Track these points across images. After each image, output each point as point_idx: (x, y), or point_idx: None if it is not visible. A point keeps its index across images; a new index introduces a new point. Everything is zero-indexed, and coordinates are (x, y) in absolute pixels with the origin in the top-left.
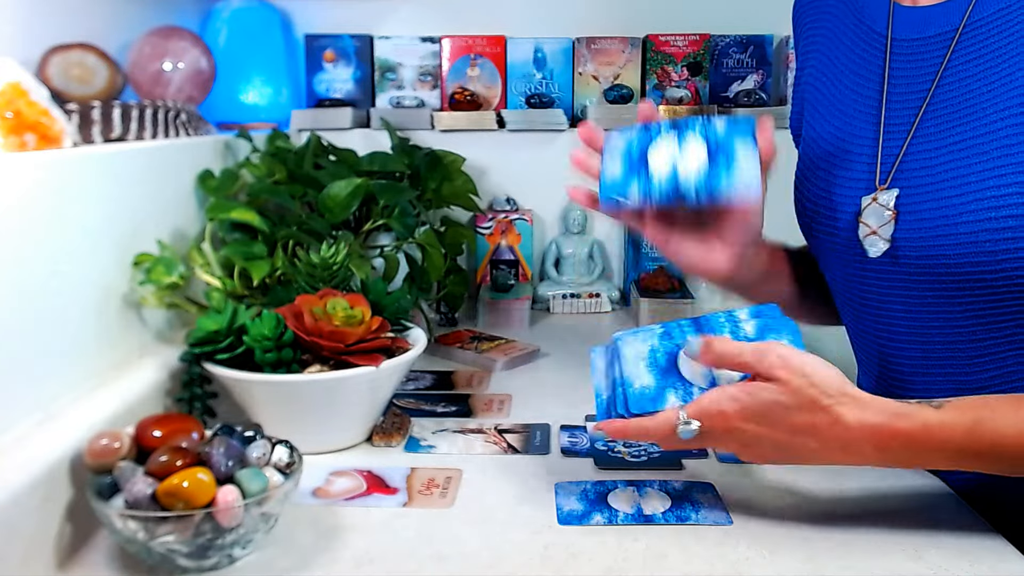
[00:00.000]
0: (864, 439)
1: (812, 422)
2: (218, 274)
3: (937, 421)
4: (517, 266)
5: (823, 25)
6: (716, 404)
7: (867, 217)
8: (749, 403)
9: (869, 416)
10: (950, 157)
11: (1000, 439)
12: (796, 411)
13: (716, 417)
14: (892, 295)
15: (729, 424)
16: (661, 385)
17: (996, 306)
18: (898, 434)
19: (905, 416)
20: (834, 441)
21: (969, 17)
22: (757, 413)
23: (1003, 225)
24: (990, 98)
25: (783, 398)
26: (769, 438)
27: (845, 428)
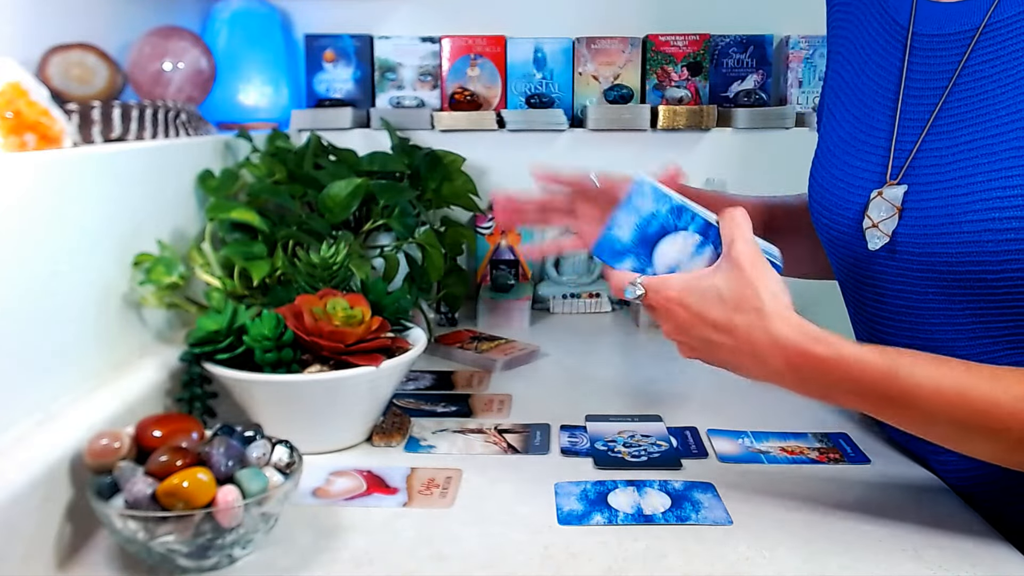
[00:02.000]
0: (775, 353)
1: (736, 321)
2: (218, 274)
3: (853, 355)
4: (517, 266)
5: (851, 13)
6: (664, 282)
7: (871, 210)
8: (691, 287)
9: (786, 331)
10: (960, 156)
11: (913, 389)
12: (727, 305)
13: (659, 293)
14: (891, 290)
15: (668, 305)
16: (628, 248)
17: (996, 306)
18: (811, 357)
19: (822, 342)
20: (746, 345)
21: (991, 17)
22: (693, 297)
23: (1007, 226)
24: (1004, 100)
25: (723, 288)
26: (696, 327)
27: (762, 335)
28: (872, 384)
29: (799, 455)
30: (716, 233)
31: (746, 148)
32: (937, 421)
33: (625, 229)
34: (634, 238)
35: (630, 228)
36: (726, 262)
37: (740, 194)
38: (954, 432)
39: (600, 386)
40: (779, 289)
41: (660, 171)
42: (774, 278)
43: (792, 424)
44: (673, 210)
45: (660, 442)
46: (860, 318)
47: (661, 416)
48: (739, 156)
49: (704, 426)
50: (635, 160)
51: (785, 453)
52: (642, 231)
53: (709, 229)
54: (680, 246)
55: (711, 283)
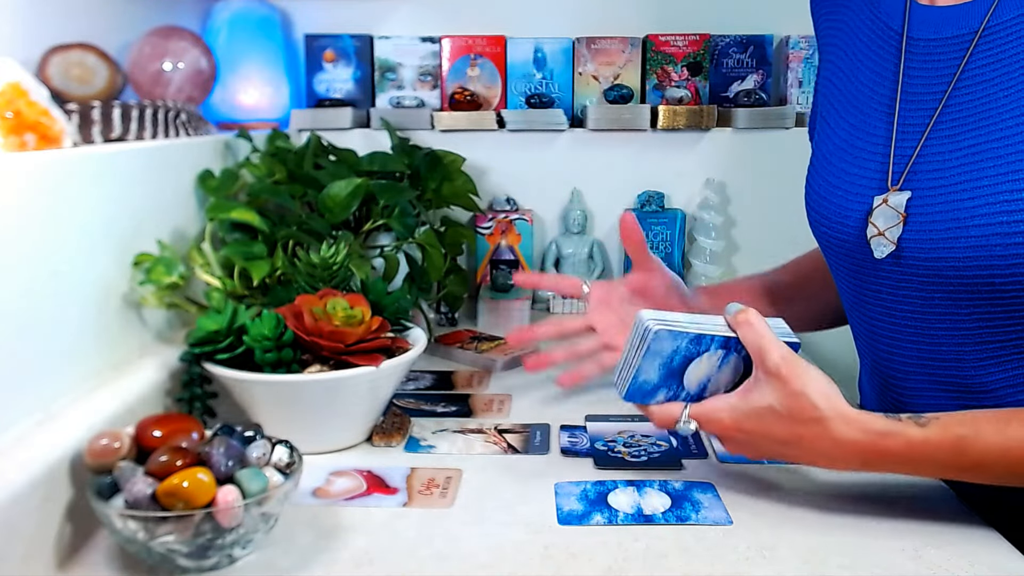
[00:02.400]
0: (849, 454)
1: (800, 433)
2: (218, 274)
3: (921, 439)
4: (517, 266)
5: (840, 19)
6: (715, 412)
7: (876, 218)
8: (744, 410)
9: (855, 433)
10: (964, 160)
11: (983, 457)
12: (786, 420)
13: (713, 423)
14: (897, 296)
15: (724, 430)
16: (658, 384)
17: (1003, 310)
18: (882, 452)
19: (890, 435)
20: (820, 453)
21: (989, 20)
22: (750, 421)
23: (1015, 230)
24: (1007, 102)
25: (775, 404)
26: (760, 444)
27: (831, 442)
28: (942, 463)
29: None
30: (735, 341)
31: (746, 148)
32: (1013, 475)
33: (651, 372)
34: (662, 375)
35: (656, 370)
36: (766, 376)
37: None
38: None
39: (600, 386)
40: (828, 388)
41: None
42: (818, 378)
43: None
44: (693, 340)
45: (660, 442)
46: (863, 327)
47: None
48: (739, 156)
49: None
50: (635, 160)
51: None
52: (668, 368)
53: (729, 341)
54: (706, 365)
55: (761, 403)
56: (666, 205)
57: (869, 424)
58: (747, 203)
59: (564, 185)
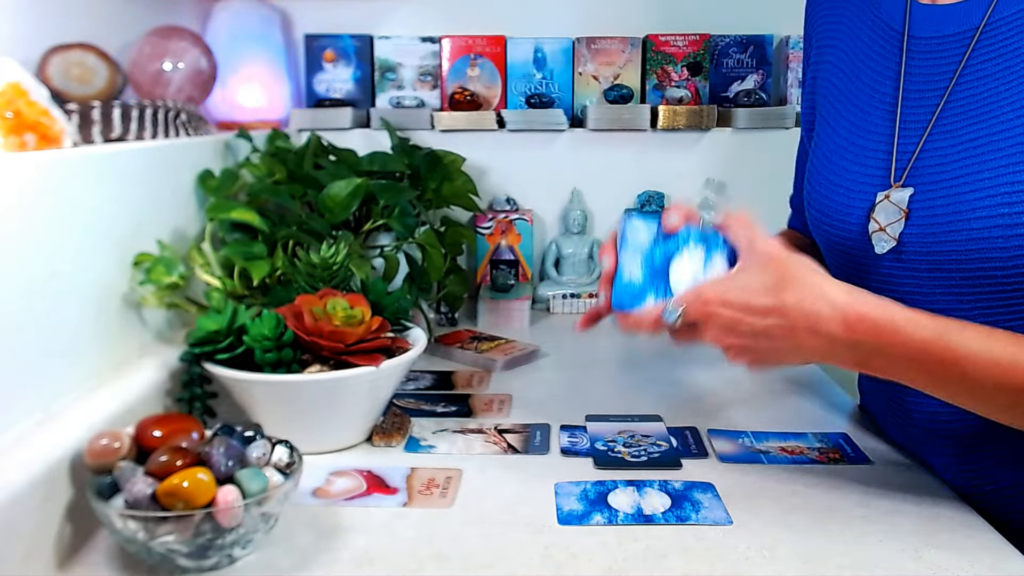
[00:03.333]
0: (832, 317)
1: (784, 297)
2: (218, 274)
3: (906, 315)
4: (517, 266)
5: (840, 20)
6: (699, 291)
7: (878, 214)
8: (731, 286)
9: (840, 294)
10: (966, 154)
11: (965, 354)
12: (771, 289)
13: (697, 301)
14: (898, 290)
15: (708, 308)
16: (645, 285)
17: (1004, 304)
18: (865, 318)
19: (874, 304)
20: (801, 319)
21: (990, 16)
22: (735, 294)
23: (1016, 221)
24: (1008, 97)
25: (763, 276)
26: (744, 320)
27: (813, 303)
28: (922, 349)
29: (799, 455)
30: (717, 238)
31: (746, 148)
32: (985, 387)
33: (634, 269)
34: (645, 275)
35: (639, 267)
36: (753, 256)
37: None
38: (1003, 398)
39: (600, 386)
40: (815, 265)
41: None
42: (806, 258)
43: (792, 424)
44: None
45: (660, 442)
46: None
47: (661, 416)
48: (739, 156)
49: (704, 426)
50: (635, 160)
51: (785, 453)
52: (650, 265)
53: (709, 237)
54: (690, 263)
55: (749, 276)
56: (666, 205)
57: (854, 290)
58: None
59: (564, 185)
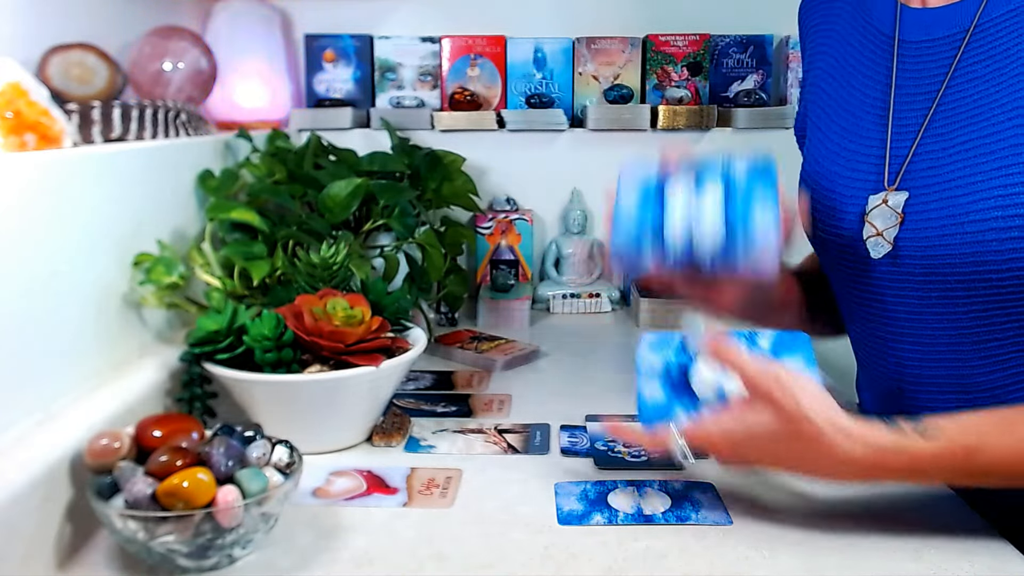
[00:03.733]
0: (852, 470)
1: (799, 452)
2: (218, 274)
3: (927, 454)
4: (517, 266)
5: (831, 27)
6: (704, 431)
7: (874, 218)
8: (739, 432)
9: (858, 449)
10: (958, 157)
11: (991, 466)
12: (783, 441)
13: (707, 445)
14: (894, 296)
15: (719, 453)
16: (671, 402)
17: (999, 307)
18: (887, 467)
19: (893, 452)
20: (822, 470)
21: (979, 19)
22: (745, 444)
23: (1010, 224)
24: (999, 98)
25: (771, 426)
26: (758, 464)
27: (832, 460)
28: (951, 472)
29: None
30: None
31: (746, 148)
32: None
33: (655, 391)
34: (667, 392)
35: (659, 388)
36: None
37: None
38: None
39: (600, 386)
40: (824, 402)
41: None
42: (812, 391)
43: None
44: (679, 349)
45: None
46: (860, 330)
47: None
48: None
49: None
50: None
51: None
52: (670, 382)
53: None
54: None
55: (756, 425)
56: None
57: (872, 439)
58: None
59: (564, 185)
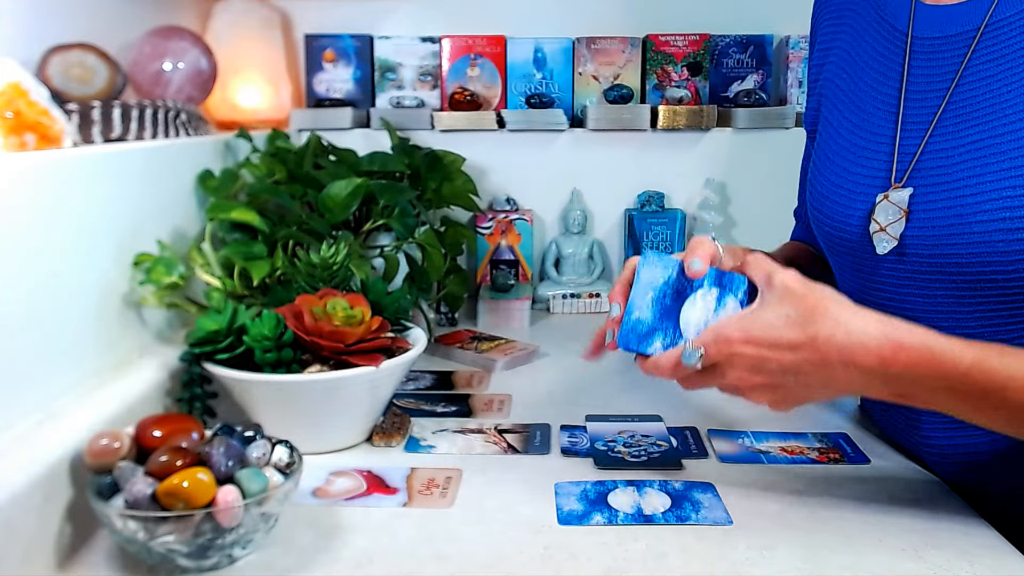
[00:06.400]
0: (866, 351)
1: (813, 333)
2: (218, 274)
3: (942, 347)
4: (517, 266)
5: (845, 22)
6: (722, 329)
7: (878, 214)
8: (754, 324)
9: (873, 327)
10: (967, 156)
11: (1004, 382)
12: (798, 323)
13: (719, 340)
14: (900, 292)
15: (732, 348)
16: (654, 326)
17: (1006, 307)
18: (903, 349)
19: (911, 332)
20: (834, 353)
21: (991, 16)
22: (759, 332)
23: (1018, 225)
24: (1010, 98)
25: (787, 310)
26: (772, 358)
27: (846, 337)
28: (963, 376)
29: (799, 455)
30: (731, 280)
31: (746, 148)
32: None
33: (644, 309)
34: (655, 314)
35: (648, 306)
36: (773, 291)
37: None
38: None
39: (600, 386)
40: (839, 295)
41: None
42: (828, 289)
43: (792, 424)
44: (681, 271)
45: (660, 442)
46: None
47: (661, 416)
48: (739, 156)
49: (704, 426)
50: (635, 160)
51: (785, 453)
52: (660, 304)
53: (723, 278)
54: (701, 305)
55: (772, 311)
56: (666, 205)
57: (886, 320)
58: (747, 203)
59: (564, 185)
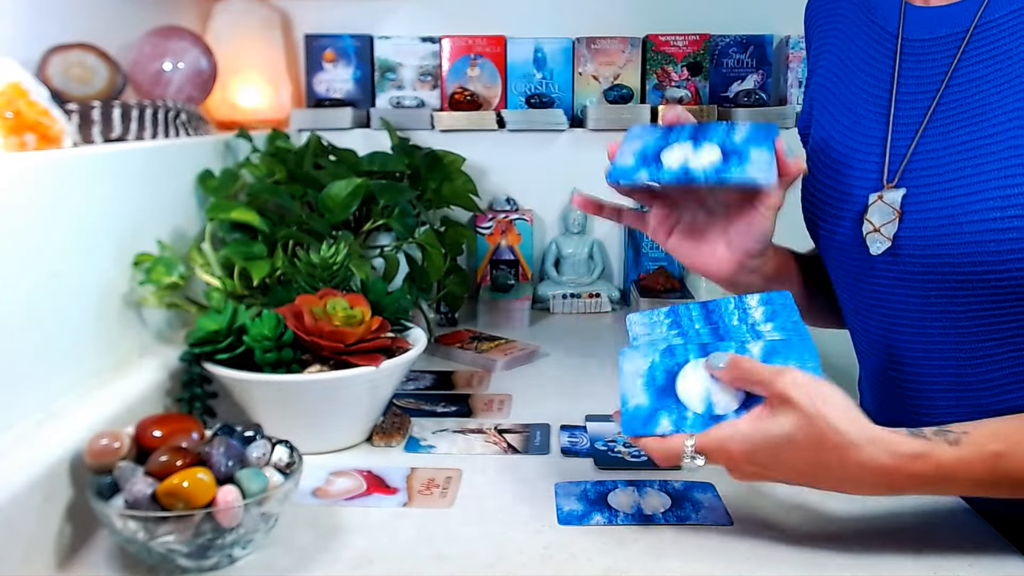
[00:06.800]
0: (876, 479)
1: (822, 461)
2: (218, 274)
3: (954, 460)
4: (517, 266)
5: (835, 27)
6: (723, 443)
7: (871, 215)
8: (756, 441)
9: (883, 457)
10: (957, 157)
11: (1018, 473)
12: (805, 449)
13: (722, 455)
14: (894, 293)
15: (734, 463)
16: (655, 407)
17: (999, 307)
18: (912, 475)
19: (921, 458)
20: (844, 480)
21: (981, 18)
22: (763, 452)
23: (1009, 225)
24: (999, 98)
25: (793, 431)
26: (777, 475)
27: (856, 468)
28: (977, 481)
29: None
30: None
31: None
32: None
33: (639, 395)
34: (652, 396)
35: (641, 391)
36: (778, 403)
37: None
38: None
39: (600, 386)
40: (848, 408)
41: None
42: (835, 397)
43: None
44: (667, 352)
45: None
46: (862, 328)
47: None
48: None
49: None
50: None
51: None
52: (653, 386)
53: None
54: (695, 378)
55: (776, 431)
56: None
57: (898, 446)
58: None
59: (564, 185)
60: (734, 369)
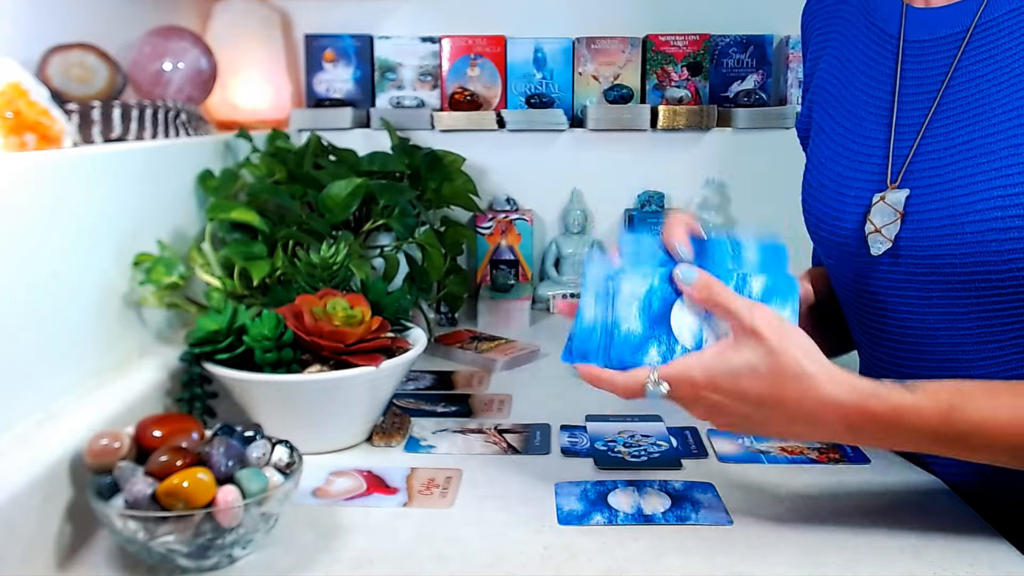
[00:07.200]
0: (834, 417)
1: (780, 392)
2: (218, 274)
3: (909, 404)
4: (517, 266)
5: (834, 29)
6: (687, 371)
7: (873, 215)
8: (718, 368)
9: (841, 392)
10: (959, 157)
11: (971, 427)
12: (766, 378)
13: (685, 384)
14: (895, 294)
15: (697, 392)
16: (647, 335)
17: (1001, 307)
18: (869, 414)
19: (876, 396)
20: (802, 416)
21: (980, 17)
22: (727, 382)
23: (1010, 225)
24: (999, 98)
25: (754, 361)
26: (735, 409)
27: (814, 402)
28: (930, 430)
29: (799, 455)
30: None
31: (746, 148)
32: (994, 450)
33: (632, 320)
34: (645, 323)
35: (636, 317)
36: (743, 334)
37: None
38: (1010, 457)
39: None
40: (811, 346)
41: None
42: (800, 336)
43: None
44: (666, 277)
45: (660, 442)
46: (862, 329)
47: (661, 416)
48: (739, 156)
49: (704, 426)
50: (635, 160)
51: (785, 453)
52: (648, 313)
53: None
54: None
55: (738, 360)
56: (666, 205)
57: (856, 383)
58: (747, 203)
59: (564, 185)
60: (704, 289)
